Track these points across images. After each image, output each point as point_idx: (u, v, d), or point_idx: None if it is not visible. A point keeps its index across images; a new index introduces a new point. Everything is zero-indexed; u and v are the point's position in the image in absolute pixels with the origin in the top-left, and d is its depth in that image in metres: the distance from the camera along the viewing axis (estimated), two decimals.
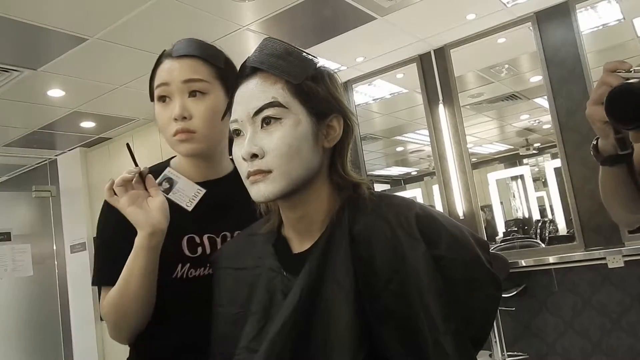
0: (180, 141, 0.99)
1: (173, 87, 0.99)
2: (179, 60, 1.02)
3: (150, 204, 0.93)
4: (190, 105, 0.99)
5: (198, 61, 1.02)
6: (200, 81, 1.00)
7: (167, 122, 1.00)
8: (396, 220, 0.76)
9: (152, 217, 0.92)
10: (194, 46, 1.04)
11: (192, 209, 0.97)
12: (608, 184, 0.86)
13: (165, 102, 1.01)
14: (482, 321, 0.76)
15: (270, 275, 0.81)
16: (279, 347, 0.72)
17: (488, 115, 5.38)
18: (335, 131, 0.80)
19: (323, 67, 0.82)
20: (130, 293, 0.93)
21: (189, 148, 1.00)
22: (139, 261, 0.92)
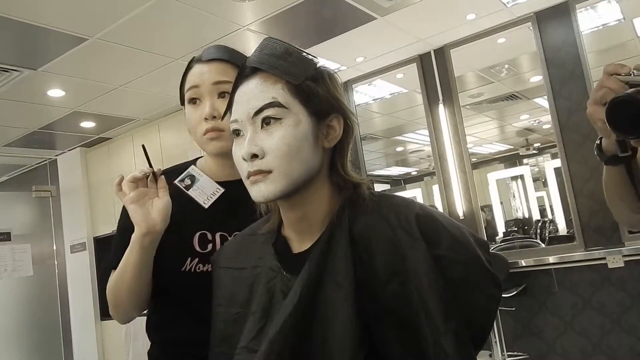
0: (210, 139, 1.03)
1: (203, 89, 1.04)
2: (209, 64, 1.07)
3: (154, 205, 0.98)
4: (219, 105, 1.03)
5: (227, 64, 1.07)
6: (228, 83, 1.02)
7: (198, 122, 1.04)
8: (396, 220, 0.76)
9: (150, 218, 0.97)
10: (222, 51, 1.10)
11: (208, 207, 1.03)
12: (611, 184, 0.86)
13: (195, 104, 1.05)
14: (482, 321, 0.76)
15: (270, 275, 0.81)
16: (279, 347, 0.72)
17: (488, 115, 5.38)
18: (336, 131, 0.80)
19: (323, 67, 0.82)
20: (124, 283, 1.01)
21: (218, 146, 1.03)
22: (132, 256, 0.98)
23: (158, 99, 4.06)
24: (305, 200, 0.80)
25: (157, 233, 0.98)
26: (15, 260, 4.86)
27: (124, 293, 1.03)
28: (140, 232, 0.97)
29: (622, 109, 0.68)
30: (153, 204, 0.98)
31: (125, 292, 1.03)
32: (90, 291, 4.85)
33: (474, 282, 0.75)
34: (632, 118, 0.68)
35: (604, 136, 0.80)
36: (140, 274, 1.00)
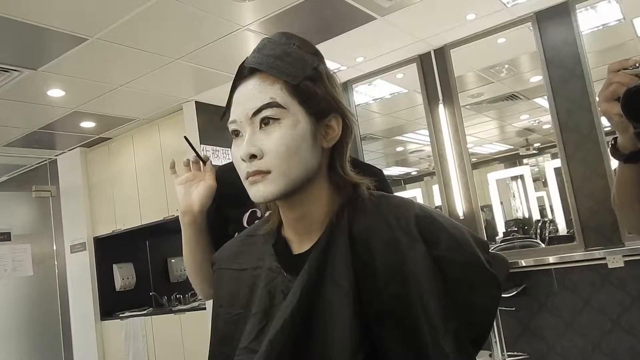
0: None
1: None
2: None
3: (197, 188, 1.09)
4: None
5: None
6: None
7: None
8: (396, 220, 0.76)
9: (189, 199, 1.08)
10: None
11: None
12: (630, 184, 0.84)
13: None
14: (482, 321, 0.76)
15: (270, 275, 0.81)
16: (279, 347, 0.72)
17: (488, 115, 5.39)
18: (334, 131, 0.80)
19: (322, 67, 0.82)
20: (185, 259, 1.13)
21: None
22: (184, 234, 1.10)
23: (158, 99, 4.06)
24: (305, 201, 0.80)
25: (194, 213, 1.07)
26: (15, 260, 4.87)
27: (189, 268, 1.14)
28: (180, 210, 1.08)
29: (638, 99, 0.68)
30: (197, 187, 1.08)
31: (189, 268, 1.14)
32: (90, 291, 4.85)
33: (474, 283, 0.75)
34: None
35: (621, 132, 0.78)
36: (192, 251, 1.10)
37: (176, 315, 4.22)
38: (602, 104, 0.75)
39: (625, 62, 0.74)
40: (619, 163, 0.83)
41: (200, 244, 1.11)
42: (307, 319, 0.73)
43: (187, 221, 1.08)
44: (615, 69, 0.74)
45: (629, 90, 0.69)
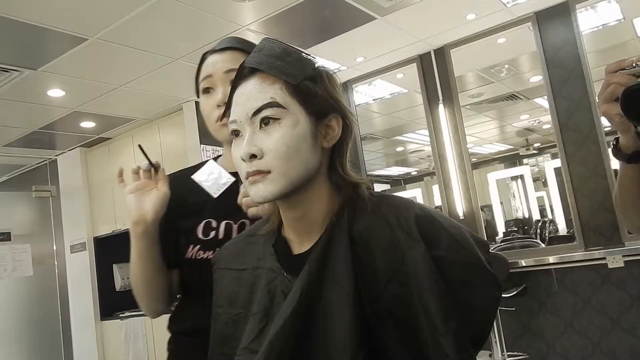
0: (222, 125, 1.05)
1: (216, 78, 1.07)
2: (221, 53, 1.09)
3: (150, 196, 1.02)
4: None
5: (239, 52, 1.09)
6: None
7: (211, 109, 1.07)
8: (396, 220, 0.76)
9: (142, 208, 1.01)
10: (235, 40, 1.12)
11: (218, 196, 1.08)
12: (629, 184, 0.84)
13: (209, 92, 1.08)
14: (482, 321, 0.76)
15: (270, 276, 0.81)
16: (279, 347, 0.72)
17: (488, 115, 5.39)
18: (334, 131, 0.80)
19: (322, 67, 0.82)
20: (133, 273, 1.06)
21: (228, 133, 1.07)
22: (132, 246, 1.03)
23: (158, 99, 4.06)
24: (305, 200, 0.80)
25: (148, 223, 1.01)
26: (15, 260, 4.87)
27: (137, 283, 1.07)
28: (131, 221, 1.01)
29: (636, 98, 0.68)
30: (149, 195, 1.02)
31: (138, 283, 1.06)
32: (90, 291, 4.85)
33: (474, 283, 0.75)
34: None
35: (622, 132, 0.78)
36: (143, 265, 1.03)
37: None
38: (601, 105, 0.75)
39: (622, 63, 0.74)
40: (621, 163, 0.83)
41: (151, 256, 1.04)
42: (307, 319, 0.73)
43: (139, 232, 1.01)
44: (612, 69, 0.75)
45: (627, 89, 0.69)
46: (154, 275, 1.06)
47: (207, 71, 1.08)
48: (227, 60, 1.08)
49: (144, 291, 1.08)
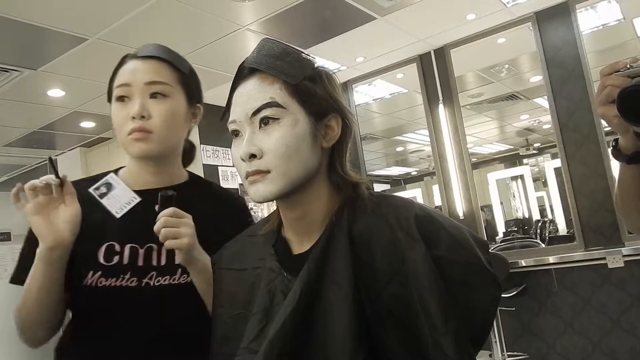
0: (136, 140, 0.96)
1: (134, 88, 0.98)
2: (144, 61, 1.01)
3: (60, 214, 0.89)
4: (151, 106, 0.98)
5: (163, 64, 1.02)
6: (163, 84, 0.99)
7: (123, 120, 0.98)
8: (396, 220, 0.76)
9: (56, 230, 0.88)
10: (161, 49, 1.05)
11: (121, 216, 0.96)
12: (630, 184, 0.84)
13: (124, 101, 0.99)
14: (481, 321, 0.76)
15: (270, 276, 0.81)
16: (279, 347, 0.72)
17: (488, 115, 5.39)
18: (334, 131, 0.80)
19: (321, 67, 0.82)
20: (31, 301, 0.91)
21: (143, 148, 0.97)
22: (38, 273, 0.89)
23: None
24: (304, 200, 0.80)
25: (66, 246, 0.89)
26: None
27: (31, 313, 0.92)
28: (46, 245, 0.87)
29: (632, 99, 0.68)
30: (59, 214, 0.89)
31: (33, 311, 0.91)
32: None
33: (474, 283, 0.74)
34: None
35: (621, 133, 0.78)
36: (48, 293, 0.90)
37: None
38: (599, 107, 0.75)
39: (616, 65, 0.74)
40: (621, 164, 0.83)
41: (60, 283, 0.91)
42: (307, 319, 0.73)
43: (55, 257, 0.88)
44: (606, 72, 0.75)
45: (622, 91, 0.69)
46: (56, 303, 0.92)
47: (126, 79, 0.99)
48: (150, 70, 1.00)
49: (38, 320, 0.93)
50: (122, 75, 1.01)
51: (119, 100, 1.00)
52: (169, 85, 1.00)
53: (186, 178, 1.11)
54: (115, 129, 1.00)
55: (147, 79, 0.98)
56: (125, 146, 0.99)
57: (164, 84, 1.00)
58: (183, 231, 0.92)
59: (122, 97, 0.99)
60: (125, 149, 1.00)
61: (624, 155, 0.79)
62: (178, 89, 1.02)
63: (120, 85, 0.99)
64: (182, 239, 0.91)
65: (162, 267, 0.98)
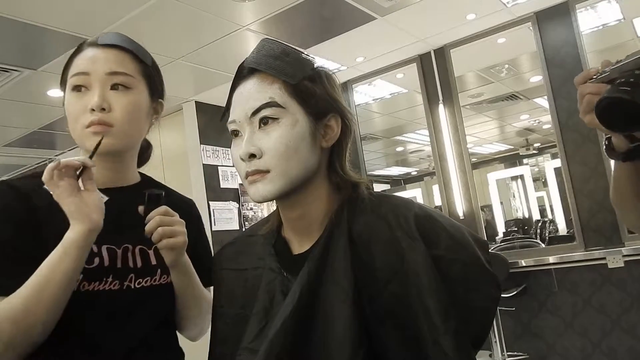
0: (94, 133, 0.88)
1: (93, 78, 0.91)
2: (105, 50, 0.93)
3: (87, 199, 0.83)
4: (111, 98, 0.91)
5: (125, 54, 0.95)
6: (125, 75, 0.93)
7: (80, 112, 0.90)
8: (395, 220, 0.76)
9: (92, 212, 0.82)
10: (123, 38, 0.97)
11: None
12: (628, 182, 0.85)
13: (81, 91, 0.91)
14: (481, 321, 0.76)
15: (270, 276, 0.81)
16: (278, 347, 0.72)
17: (488, 115, 5.39)
18: (333, 131, 0.80)
19: (321, 68, 0.82)
20: (44, 301, 0.78)
21: (104, 143, 0.88)
22: (67, 261, 0.79)
23: None
24: (304, 200, 0.80)
25: (99, 231, 0.83)
26: None
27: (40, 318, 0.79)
28: (86, 228, 0.80)
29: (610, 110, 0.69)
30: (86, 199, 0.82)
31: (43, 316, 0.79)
32: None
33: (474, 282, 0.75)
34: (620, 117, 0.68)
35: (614, 135, 0.79)
36: (69, 286, 0.81)
37: None
38: (584, 117, 0.76)
39: (588, 73, 0.75)
40: (615, 162, 0.83)
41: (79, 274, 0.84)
42: (307, 319, 0.74)
43: (90, 241, 0.82)
44: (580, 82, 0.76)
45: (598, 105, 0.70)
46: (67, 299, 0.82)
47: (84, 67, 0.91)
48: (112, 60, 0.92)
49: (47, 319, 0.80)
50: (79, 63, 0.93)
51: (76, 90, 0.91)
52: (131, 76, 0.93)
53: (139, 179, 1.04)
54: (70, 120, 0.92)
55: (108, 68, 0.91)
56: (81, 140, 0.91)
57: (127, 75, 0.93)
58: (178, 229, 0.90)
59: (79, 86, 0.91)
60: (81, 143, 0.92)
61: (617, 154, 0.80)
62: (141, 81, 0.96)
63: (78, 73, 0.91)
64: (178, 237, 0.89)
65: (139, 269, 0.93)
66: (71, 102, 0.92)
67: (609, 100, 0.68)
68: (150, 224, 0.88)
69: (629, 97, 0.66)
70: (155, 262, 0.95)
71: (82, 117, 0.90)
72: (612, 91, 0.68)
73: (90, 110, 0.89)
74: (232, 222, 4.15)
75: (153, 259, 0.95)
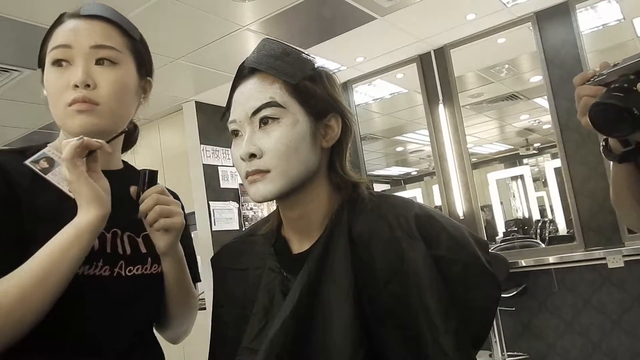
0: (78, 112, 0.81)
1: (76, 51, 0.82)
2: (89, 21, 0.84)
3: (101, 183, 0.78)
4: (97, 73, 0.83)
5: (112, 27, 0.86)
6: (111, 49, 0.84)
7: (62, 89, 0.82)
8: (395, 220, 0.76)
9: (106, 197, 0.77)
10: (108, 10, 0.87)
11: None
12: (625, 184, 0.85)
13: (62, 66, 0.83)
14: (481, 321, 0.76)
15: (270, 275, 0.81)
16: (278, 347, 0.72)
17: (488, 115, 5.39)
18: (334, 131, 0.80)
19: (321, 68, 0.82)
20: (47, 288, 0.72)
21: (87, 122, 0.81)
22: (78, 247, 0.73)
23: (158, 99, 4.06)
24: (304, 200, 0.80)
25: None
26: None
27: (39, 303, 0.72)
28: (101, 213, 0.75)
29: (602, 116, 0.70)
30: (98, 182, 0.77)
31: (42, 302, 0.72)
32: None
33: (474, 282, 0.75)
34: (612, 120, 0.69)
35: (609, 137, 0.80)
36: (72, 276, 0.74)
37: None
38: (581, 118, 0.77)
39: (586, 75, 0.76)
40: (613, 163, 0.84)
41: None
42: (307, 318, 0.74)
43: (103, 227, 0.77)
44: (578, 83, 0.76)
45: (591, 110, 0.70)
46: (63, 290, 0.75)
47: (65, 39, 0.82)
48: (97, 33, 0.83)
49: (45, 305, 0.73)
50: (60, 35, 0.83)
51: (56, 64, 0.83)
52: (118, 51, 0.85)
53: (122, 165, 0.98)
54: (51, 98, 0.85)
55: (92, 41, 0.82)
56: (63, 119, 0.84)
57: (113, 49, 0.84)
58: (175, 209, 0.85)
59: (59, 60, 0.82)
60: (62, 123, 0.85)
61: (614, 155, 0.80)
62: (128, 56, 0.87)
63: (59, 46, 0.82)
64: (175, 218, 0.84)
65: (129, 256, 0.85)
66: (51, 78, 0.84)
67: (601, 107, 0.69)
68: (147, 202, 0.83)
69: (621, 104, 0.67)
70: (145, 250, 0.88)
71: (65, 94, 0.82)
72: (605, 97, 0.69)
73: (73, 86, 0.81)
74: (232, 222, 4.14)
75: (142, 247, 0.88)
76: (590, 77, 0.75)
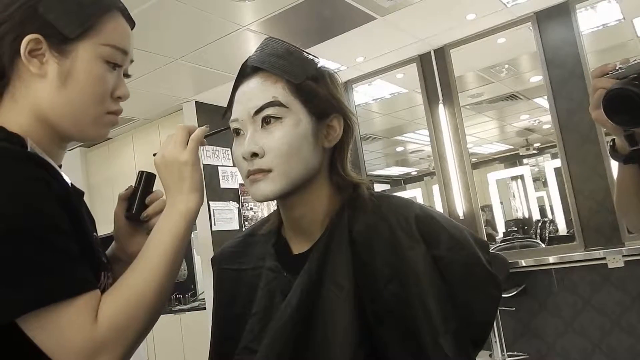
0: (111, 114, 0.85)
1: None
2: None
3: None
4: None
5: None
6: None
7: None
8: (396, 220, 0.76)
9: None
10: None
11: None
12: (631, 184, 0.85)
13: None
14: (482, 321, 0.76)
15: (270, 275, 0.81)
16: (279, 347, 0.72)
17: (488, 115, 5.39)
18: (336, 131, 0.80)
19: (324, 67, 0.82)
20: (175, 275, 0.72)
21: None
22: (188, 234, 0.74)
23: (158, 99, 4.06)
24: (305, 200, 0.80)
25: None
26: None
27: (168, 294, 0.72)
28: (202, 201, 0.76)
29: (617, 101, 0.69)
30: None
31: (170, 290, 0.73)
32: None
33: (474, 283, 0.75)
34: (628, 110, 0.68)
35: (616, 135, 0.79)
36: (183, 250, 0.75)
37: (176, 315, 4.21)
38: (592, 111, 0.76)
39: (606, 67, 0.75)
40: (619, 164, 0.83)
41: None
42: (307, 319, 0.73)
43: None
44: (596, 74, 0.76)
45: (606, 95, 0.70)
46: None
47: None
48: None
49: (173, 281, 0.74)
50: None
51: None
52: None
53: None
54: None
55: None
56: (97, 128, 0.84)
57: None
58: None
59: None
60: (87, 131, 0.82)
61: (621, 156, 0.80)
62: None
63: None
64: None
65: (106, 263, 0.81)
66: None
67: (618, 91, 0.68)
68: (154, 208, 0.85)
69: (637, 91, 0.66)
70: (105, 260, 0.82)
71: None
72: (623, 83, 0.69)
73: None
74: (232, 222, 4.14)
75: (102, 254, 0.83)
76: (609, 71, 0.74)
